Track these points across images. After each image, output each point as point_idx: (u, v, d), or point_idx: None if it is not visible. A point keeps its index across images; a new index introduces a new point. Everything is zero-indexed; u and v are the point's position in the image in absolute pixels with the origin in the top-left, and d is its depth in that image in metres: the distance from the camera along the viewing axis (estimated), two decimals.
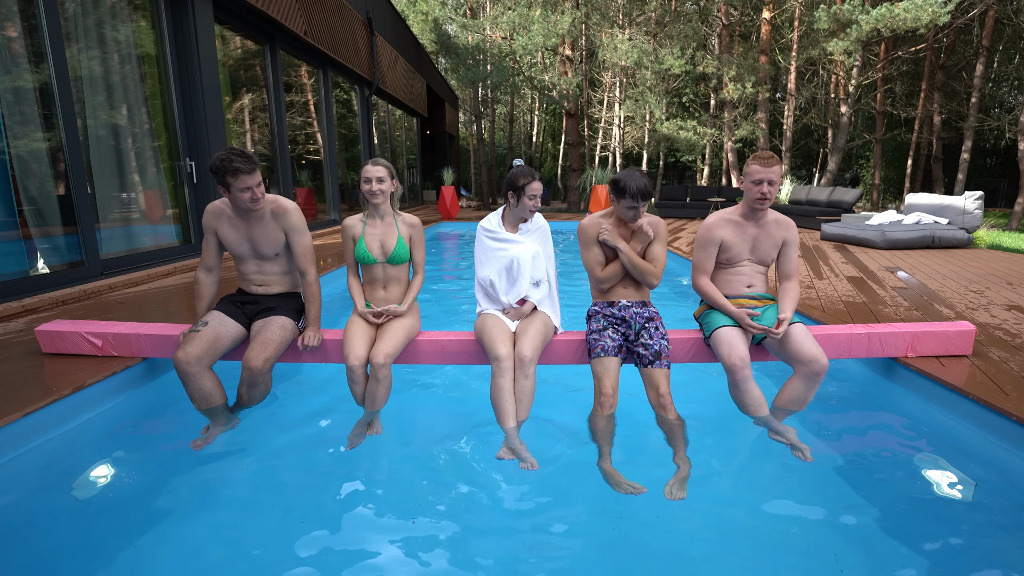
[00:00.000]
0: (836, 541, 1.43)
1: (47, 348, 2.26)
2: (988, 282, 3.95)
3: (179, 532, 1.47)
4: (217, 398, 1.92)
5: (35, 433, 1.80)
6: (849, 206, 8.20)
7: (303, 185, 7.39)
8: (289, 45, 6.60)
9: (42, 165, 3.44)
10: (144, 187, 4.42)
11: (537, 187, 2.04)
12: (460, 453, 1.90)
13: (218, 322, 1.98)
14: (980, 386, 1.96)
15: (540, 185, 2.05)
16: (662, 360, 1.90)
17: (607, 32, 12.93)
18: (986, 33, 12.10)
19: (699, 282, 2.12)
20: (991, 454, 1.78)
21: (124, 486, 1.71)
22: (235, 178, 1.88)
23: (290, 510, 1.57)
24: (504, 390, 1.83)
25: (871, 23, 9.35)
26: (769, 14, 12.21)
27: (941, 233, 5.77)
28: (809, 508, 1.59)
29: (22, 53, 3.30)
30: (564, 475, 1.74)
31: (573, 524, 1.53)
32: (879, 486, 1.68)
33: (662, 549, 1.45)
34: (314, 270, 2.11)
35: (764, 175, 1.95)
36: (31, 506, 1.56)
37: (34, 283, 3.28)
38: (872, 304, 3.25)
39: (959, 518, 1.53)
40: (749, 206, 2.04)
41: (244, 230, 2.04)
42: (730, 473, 1.80)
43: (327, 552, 1.40)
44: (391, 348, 1.93)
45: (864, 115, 17.10)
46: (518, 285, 2.05)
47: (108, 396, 2.09)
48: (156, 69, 4.46)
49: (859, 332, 2.22)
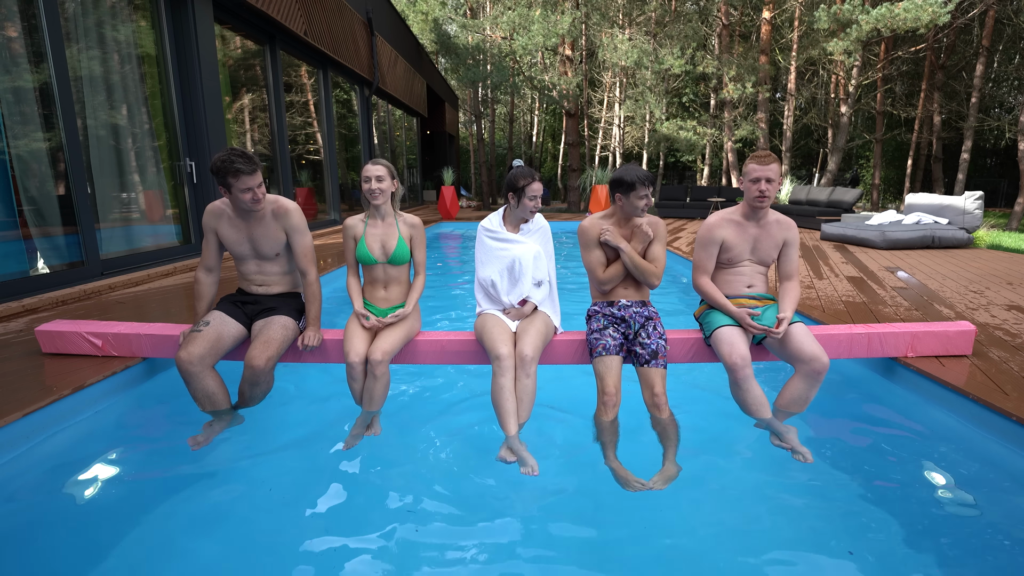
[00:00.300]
0: (835, 542, 1.43)
1: (47, 348, 2.26)
2: (988, 282, 3.95)
3: (179, 532, 1.47)
4: (220, 398, 1.92)
5: (35, 433, 1.80)
6: (849, 206, 8.20)
7: (303, 185, 7.39)
8: (289, 45, 6.60)
9: (42, 165, 3.43)
10: (144, 187, 4.42)
11: (537, 188, 2.05)
12: (460, 454, 1.90)
13: (219, 322, 1.98)
14: (980, 386, 1.96)
15: (540, 186, 2.06)
16: (658, 360, 1.90)
17: (607, 32, 12.93)
18: (986, 33, 12.11)
19: (699, 282, 2.12)
20: (991, 454, 1.78)
21: (124, 486, 1.71)
22: (236, 179, 1.88)
23: (289, 509, 1.57)
24: (505, 389, 1.83)
25: (871, 23, 9.35)
26: (769, 14, 12.21)
27: (941, 233, 5.77)
28: (808, 509, 1.59)
29: (22, 53, 3.30)
30: (565, 475, 1.74)
31: (573, 525, 1.52)
32: (878, 486, 1.68)
33: (662, 549, 1.45)
34: (315, 270, 2.11)
35: (762, 173, 1.96)
36: (31, 506, 1.56)
37: (34, 283, 3.28)
38: (872, 304, 3.25)
39: (959, 518, 1.52)
40: (749, 205, 2.05)
41: (245, 230, 2.04)
42: (730, 474, 1.79)
43: (325, 553, 1.40)
44: (390, 346, 1.94)
45: (864, 115, 17.10)
46: (520, 285, 2.05)
47: (108, 396, 2.09)
48: (156, 69, 4.46)
49: (859, 332, 2.22)
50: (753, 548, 1.43)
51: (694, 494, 1.62)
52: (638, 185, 1.95)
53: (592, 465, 1.73)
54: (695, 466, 1.72)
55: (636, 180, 1.95)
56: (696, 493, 1.63)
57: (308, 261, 2.09)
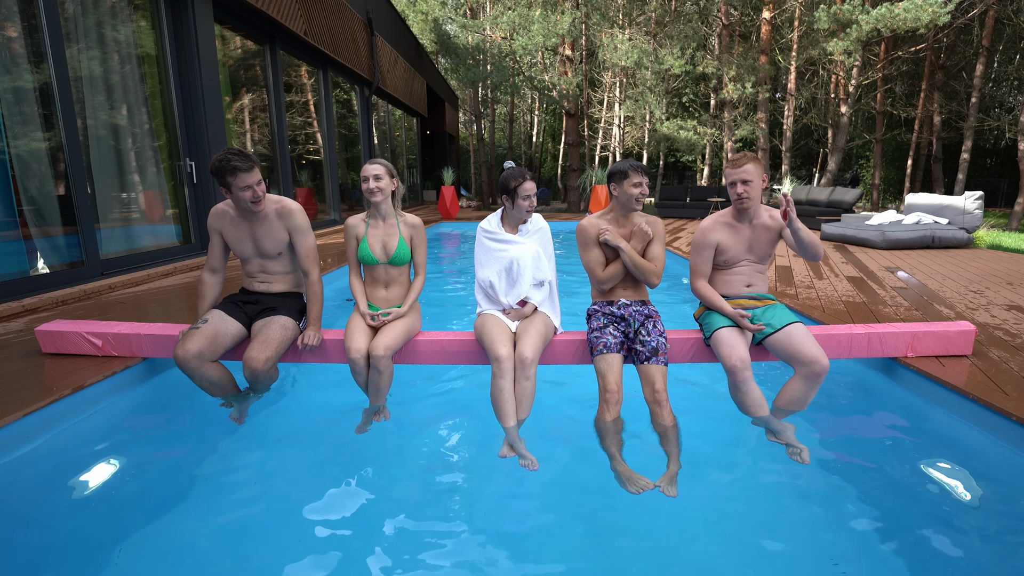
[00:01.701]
0: (835, 542, 1.43)
1: (47, 348, 2.26)
2: (988, 282, 3.94)
3: (180, 531, 1.47)
4: (228, 384, 1.98)
5: (35, 433, 1.80)
6: (849, 206, 8.20)
7: (303, 185, 7.38)
8: (289, 45, 6.59)
9: (42, 165, 3.43)
10: (144, 187, 4.42)
11: (529, 187, 2.03)
12: (460, 453, 1.90)
13: (218, 319, 1.98)
14: (980, 386, 1.95)
15: (532, 184, 2.04)
16: (659, 356, 1.90)
17: (607, 32, 12.93)
18: (986, 33, 12.10)
19: (697, 285, 2.13)
20: (991, 454, 1.77)
21: (124, 486, 1.71)
22: (234, 177, 1.89)
23: (292, 506, 1.57)
24: (504, 391, 1.83)
25: (871, 23, 9.35)
26: (769, 14, 12.21)
27: (941, 233, 5.76)
28: (807, 509, 1.59)
29: (22, 53, 3.29)
30: (565, 472, 1.74)
31: (573, 524, 1.52)
32: (878, 487, 1.67)
33: (662, 550, 1.44)
34: (317, 270, 2.11)
35: (735, 176, 2.01)
36: (31, 506, 1.55)
37: (34, 283, 3.28)
38: (872, 304, 3.25)
39: (959, 519, 1.52)
40: (735, 208, 2.07)
41: (248, 230, 2.05)
42: (730, 474, 1.79)
43: (327, 548, 1.39)
44: (391, 341, 1.95)
45: (864, 115, 17.10)
46: (518, 286, 2.05)
47: (108, 396, 2.09)
48: (156, 69, 4.46)
49: (859, 332, 2.22)
50: (752, 550, 1.42)
51: (696, 495, 1.61)
52: (631, 172, 1.97)
53: (592, 467, 1.72)
54: (695, 468, 1.71)
55: (629, 168, 1.97)
56: (697, 494, 1.62)
57: (311, 261, 2.10)
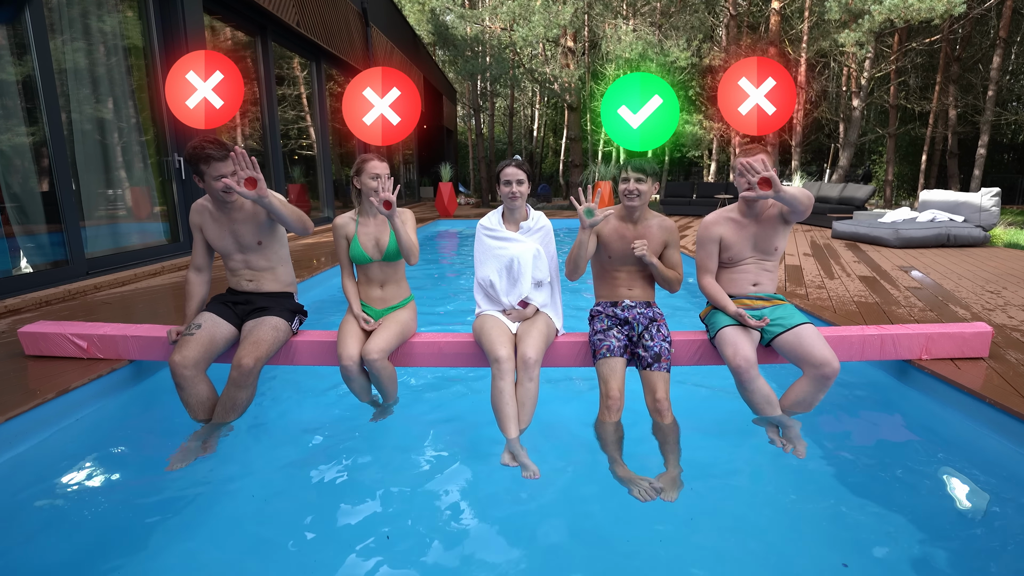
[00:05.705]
0: (846, 547, 1.40)
1: (30, 350, 2.22)
2: (1005, 282, 3.85)
3: (167, 540, 1.43)
4: (211, 406, 1.88)
5: (17, 438, 1.75)
6: (861, 203, 8.09)
7: (295, 181, 7.34)
8: (281, 36, 6.50)
9: (25, 161, 3.37)
10: (131, 183, 4.35)
11: (511, 172, 2.00)
12: (461, 458, 1.84)
13: (211, 324, 1.93)
14: (997, 389, 1.89)
15: (515, 169, 2.00)
16: (661, 363, 1.86)
17: (610, 23, 12.73)
18: (1003, 24, 11.80)
19: (702, 281, 2.10)
20: (1009, 459, 1.73)
21: (109, 493, 1.66)
22: (208, 165, 1.84)
23: (284, 513, 1.53)
24: (505, 393, 1.78)
25: (884, 13, 9.14)
26: (778, 4, 11.94)
27: (956, 231, 5.66)
28: (818, 513, 1.56)
29: (4, 45, 3.23)
30: (567, 479, 1.70)
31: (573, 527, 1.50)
32: (892, 492, 1.64)
33: (662, 551, 1.42)
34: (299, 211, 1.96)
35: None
36: (12, 514, 1.51)
37: (17, 283, 3.23)
38: (885, 305, 3.19)
39: (975, 525, 1.49)
40: (744, 201, 2.01)
41: (226, 224, 2.00)
42: (734, 475, 1.75)
43: (322, 556, 1.36)
44: (383, 343, 1.91)
45: (877, 109, 16.78)
46: (519, 285, 2.01)
47: (93, 400, 2.04)
48: (143, 61, 4.38)
49: (872, 333, 2.17)
50: (759, 553, 1.40)
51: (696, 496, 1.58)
52: (623, 171, 1.96)
53: (592, 467, 1.69)
54: (695, 469, 1.66)
55: (623, 166, 1.96)
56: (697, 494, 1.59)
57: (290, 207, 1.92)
